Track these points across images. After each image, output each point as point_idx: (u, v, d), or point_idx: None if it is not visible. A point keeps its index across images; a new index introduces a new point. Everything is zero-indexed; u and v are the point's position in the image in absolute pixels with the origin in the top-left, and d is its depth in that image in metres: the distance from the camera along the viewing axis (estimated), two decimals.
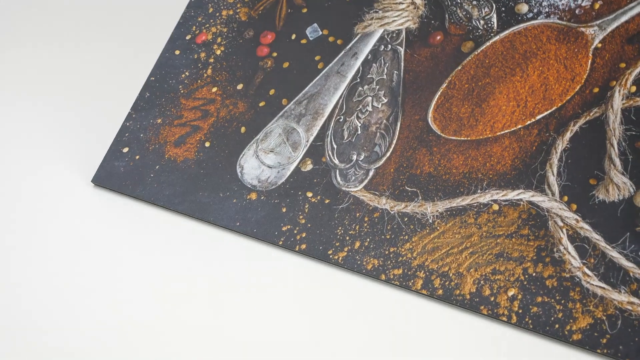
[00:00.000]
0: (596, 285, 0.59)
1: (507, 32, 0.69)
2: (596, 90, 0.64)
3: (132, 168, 0.74)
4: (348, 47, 0.73)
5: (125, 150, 0.75)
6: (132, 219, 0.73)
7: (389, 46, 0.72)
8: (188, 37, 0.79)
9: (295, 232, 0.67)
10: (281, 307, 0.65)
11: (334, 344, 0.62)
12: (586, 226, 0.60)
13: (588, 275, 0.59)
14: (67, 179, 0.77)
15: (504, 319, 0.60)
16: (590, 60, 0.65)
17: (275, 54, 0.76)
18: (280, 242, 0.67)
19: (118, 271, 0.69)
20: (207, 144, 0.73)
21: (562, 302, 0.59)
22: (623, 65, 0.64)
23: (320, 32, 0.75)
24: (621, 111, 0.63)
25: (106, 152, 0.76)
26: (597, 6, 0.67)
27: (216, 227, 0.70)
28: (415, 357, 0.60)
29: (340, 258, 0.65)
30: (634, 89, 0.63)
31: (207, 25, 0.79)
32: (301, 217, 0.67)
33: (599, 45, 0.66)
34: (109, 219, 0.73)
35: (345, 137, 0.69)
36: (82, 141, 0.78)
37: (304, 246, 0.66)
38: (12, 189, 0.77)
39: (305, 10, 0.77)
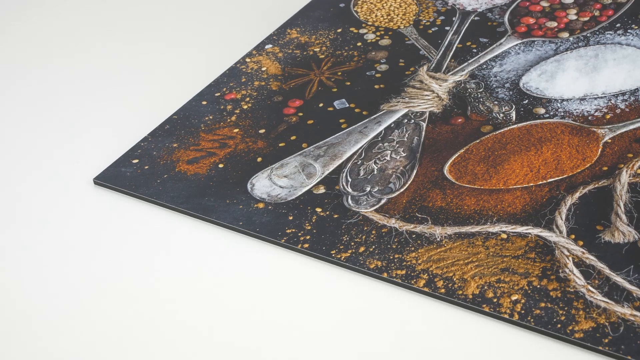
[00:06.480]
0: (600, 300, 0.60)
1: (524, 123, 0.75)
2: (605, 168, 0.70)
3: (139, 175, 0.75)
4: (373, 117, 0.78)
5: (135, 161, 0.76)
6: (132, 219, 0.72)
7: (412, 120, 0.77)
8: (217, 94, 0.84)
9: (300, 234, 0.68)
10: (281, 307, 0.64)
11: (334, 344, 0.61)
12: (592, 257, 0.63)
13: (592, 292, 0.61)
14: (68, 180, 0.77)
15: (506, 316, 0.60)
16: (600, 150, 0.72)
17: (301, 114, 0.80)
18: (283, 240, 0.67)
19: (117, 271, 0.68)
20: (220, 165, 0.75)
21: (566, 308, 0.60)
22: (631, 155, 0.71)
23: (347, 105, 0.81)
24: (628, 184, 0.68)
25: (114, 161, 0.77)
26: (608, 117, 0.75)
27: (218, 227, 0.70)
28: (415, 357, 0.59)
29: (343, 257, 0.65)
30: None
31: (238, 89, 0.84)
32: (307, 224, 0.68)
33: (609, 141, 0.72)
34: (108, 218, 0.73)
35: (361, 175, 0.72)
36: (91, 155, 0.79)
37: (306, 245, 0.67)
38: (14, 187, 0.77)
39: (335, 90, 0.83)
